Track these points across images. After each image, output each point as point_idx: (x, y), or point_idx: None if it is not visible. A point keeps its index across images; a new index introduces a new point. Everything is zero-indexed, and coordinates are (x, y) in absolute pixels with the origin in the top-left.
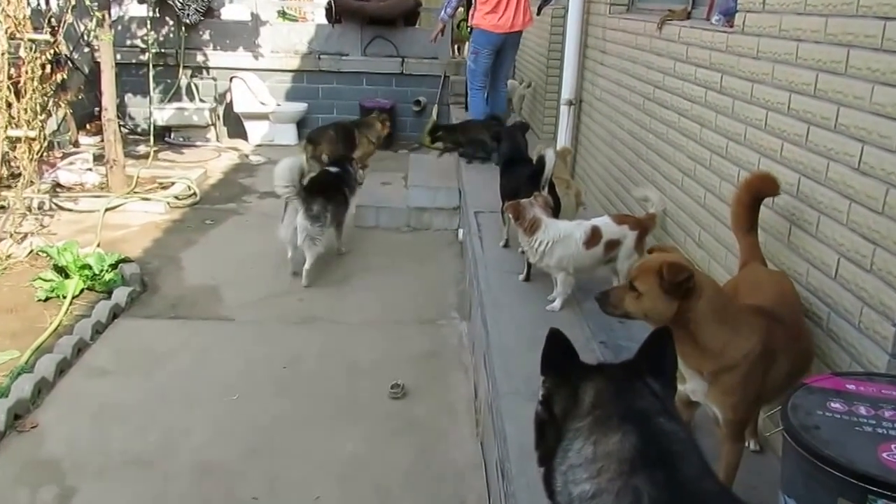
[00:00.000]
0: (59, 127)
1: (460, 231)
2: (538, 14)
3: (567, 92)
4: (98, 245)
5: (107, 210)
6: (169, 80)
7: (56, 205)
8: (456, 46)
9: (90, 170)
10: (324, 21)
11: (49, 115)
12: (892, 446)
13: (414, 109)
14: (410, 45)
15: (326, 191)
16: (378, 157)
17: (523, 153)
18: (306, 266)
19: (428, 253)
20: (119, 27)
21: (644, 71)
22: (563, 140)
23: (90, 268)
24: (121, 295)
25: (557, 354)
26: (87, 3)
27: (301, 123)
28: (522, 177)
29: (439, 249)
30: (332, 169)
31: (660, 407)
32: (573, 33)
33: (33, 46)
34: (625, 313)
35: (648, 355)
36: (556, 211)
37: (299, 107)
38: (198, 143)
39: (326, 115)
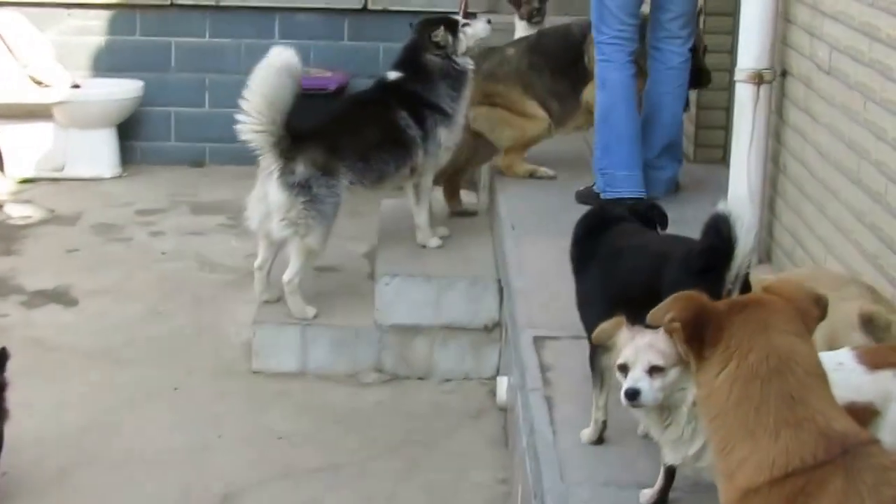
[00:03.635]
0: None
1: (502, 383)
2: None
3: (751, 55)
4: None
5: None
6: None
7: None
8: None
9: None
10: None
11: None
12: None
13: None
14: None
15: (341, 126)
16: None
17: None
18: (286, 277)
19: (425, 438)
20: None
21: None
22: (748, 164)
23: None
24: None
25: None
26: None
27: (129, 127)
28: (659, 261)
29: (451, 429)
30: (392, 75)
31: None
32: None
33: None
34: None
35: None
36: None
37: (124, 88)
38: None
39: (191, 108)
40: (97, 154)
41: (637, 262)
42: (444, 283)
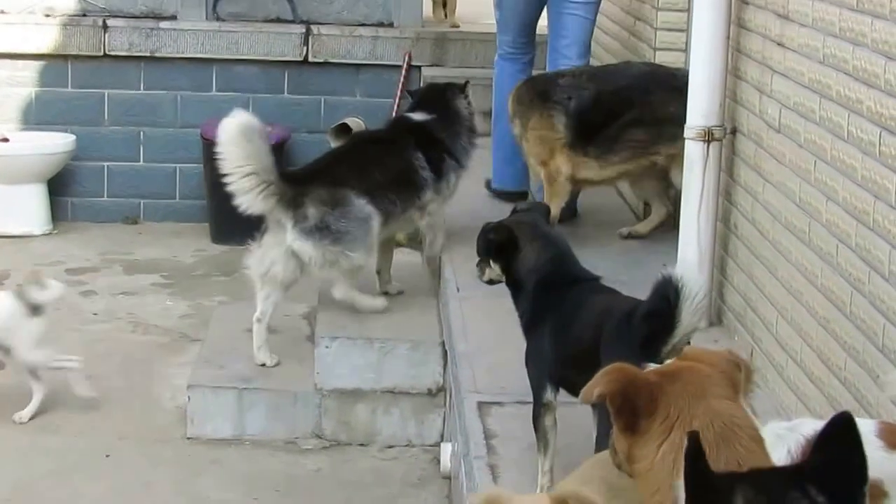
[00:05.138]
0: None
1: (446, 450)
2: None
3: (700, 112)
4: None
5: None
6: None
7: None
8: None
9: None
10: None
11: None
12: None
13: (334, 146)
14: None
15: (344, 161)
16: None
17: (577, 266)
18: (338, 295)
19: None
20: None
21: (877, 63)
22: (697, 223)
23: None
24: None
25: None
26: None
27: (60, 182)
28: (594, 325)
29: (393, 498)
30: (416, 116)
31: None
32: None
33: None
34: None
35: (820, 456)
36: None
37: (55, 141)
38: None
39: (125, 162)
40: (26, 210)
41: (577, 319)
42: (386, 347)
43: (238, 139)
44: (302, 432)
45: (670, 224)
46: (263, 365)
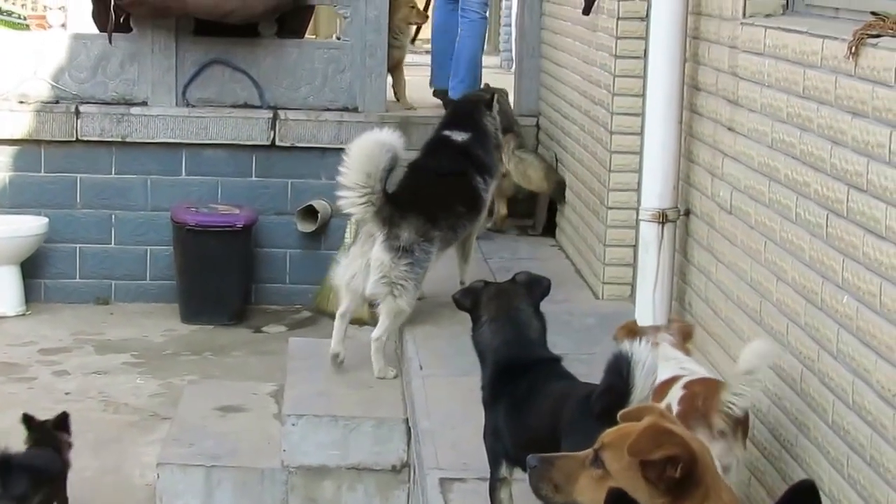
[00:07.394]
0: None
1: None
2: (586, 13)
3: (655, 194)
4: None
5: None
6: None
7: None
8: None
9: None
10: (89, 29)
11: None
12: None
13: (301, 228)
14: (293, 79)
15: (432, 197)
16: (214, 344)
17: (535, 349)
18: (375, 334)
19: None
20: None
21: (823, 147)
22: (653, 303)
23: None
24: None
25: None
26: None
27: (33, 264)
28: (551, 412)
29: None
30: (455, 135)
31: None
32: (666, 62)
33: None
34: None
35: None
36: None
37: (28, 224)
38: None
39: (97, 245)
40: (0, 292)
41: (540, 404)
42: (351, 424)
43: (367, 156)
44: None
45: None
46: (337, 356)
